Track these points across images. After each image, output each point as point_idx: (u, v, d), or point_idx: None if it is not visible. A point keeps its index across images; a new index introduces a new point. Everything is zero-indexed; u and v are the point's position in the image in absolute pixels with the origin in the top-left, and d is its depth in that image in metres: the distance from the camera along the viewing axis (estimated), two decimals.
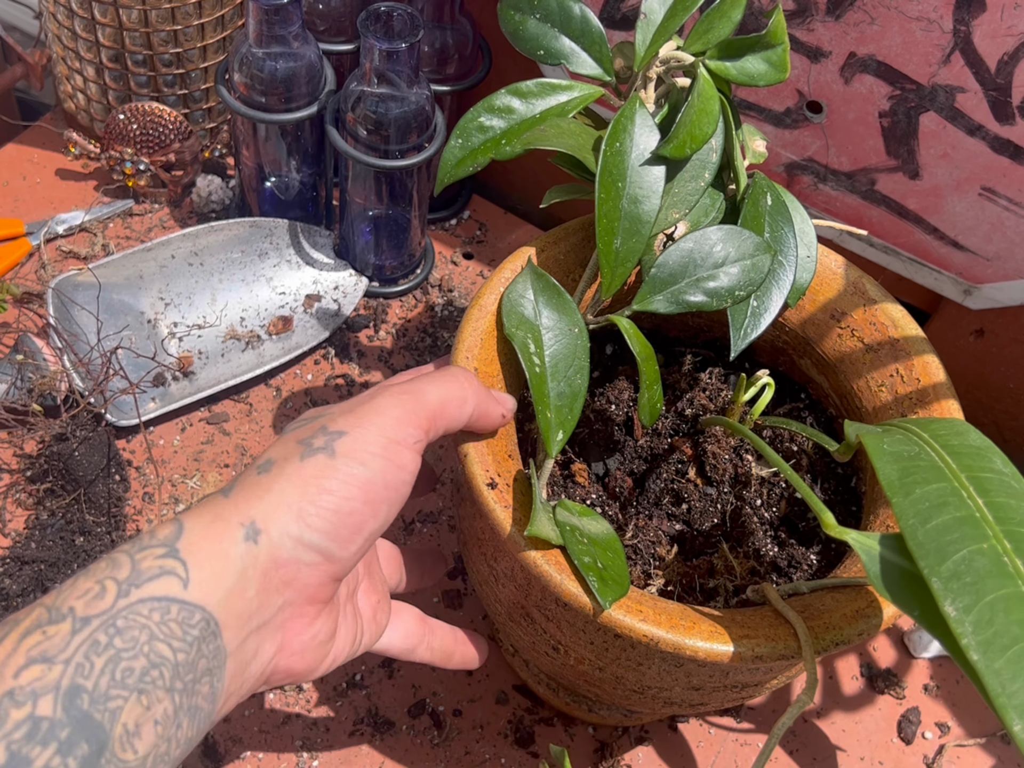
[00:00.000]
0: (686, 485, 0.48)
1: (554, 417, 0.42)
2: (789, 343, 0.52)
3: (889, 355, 0.48)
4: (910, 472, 0.34)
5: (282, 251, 0.72)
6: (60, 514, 0.59)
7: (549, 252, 0.48)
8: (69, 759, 0.28)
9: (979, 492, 0.33)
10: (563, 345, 0.44)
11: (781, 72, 0.44)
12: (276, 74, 0.65)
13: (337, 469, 0.36)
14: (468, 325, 0.45)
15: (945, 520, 0.32)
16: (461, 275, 0.76)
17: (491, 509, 0.40)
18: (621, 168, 0.43)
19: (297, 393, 0.68)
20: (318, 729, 0.55)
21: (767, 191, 0.46)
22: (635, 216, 0.43)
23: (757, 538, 0.46)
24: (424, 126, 0.65)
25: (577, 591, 0.38)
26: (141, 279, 0.69)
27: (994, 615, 0.29)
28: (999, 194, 0.57)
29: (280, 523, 0.35)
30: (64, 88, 0.78)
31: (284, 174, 0.72)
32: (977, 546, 0.31)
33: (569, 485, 0.48)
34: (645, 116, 0.43)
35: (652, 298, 0.44)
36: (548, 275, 0.45)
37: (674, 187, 0.44)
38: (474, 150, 0.45)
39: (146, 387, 0.65)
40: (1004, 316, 0.63)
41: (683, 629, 0.38)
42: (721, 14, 0.44)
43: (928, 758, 0.58)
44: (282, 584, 0.35)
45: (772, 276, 0.46)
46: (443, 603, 0.60)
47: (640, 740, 0.57)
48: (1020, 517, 0.32)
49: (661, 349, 0.54)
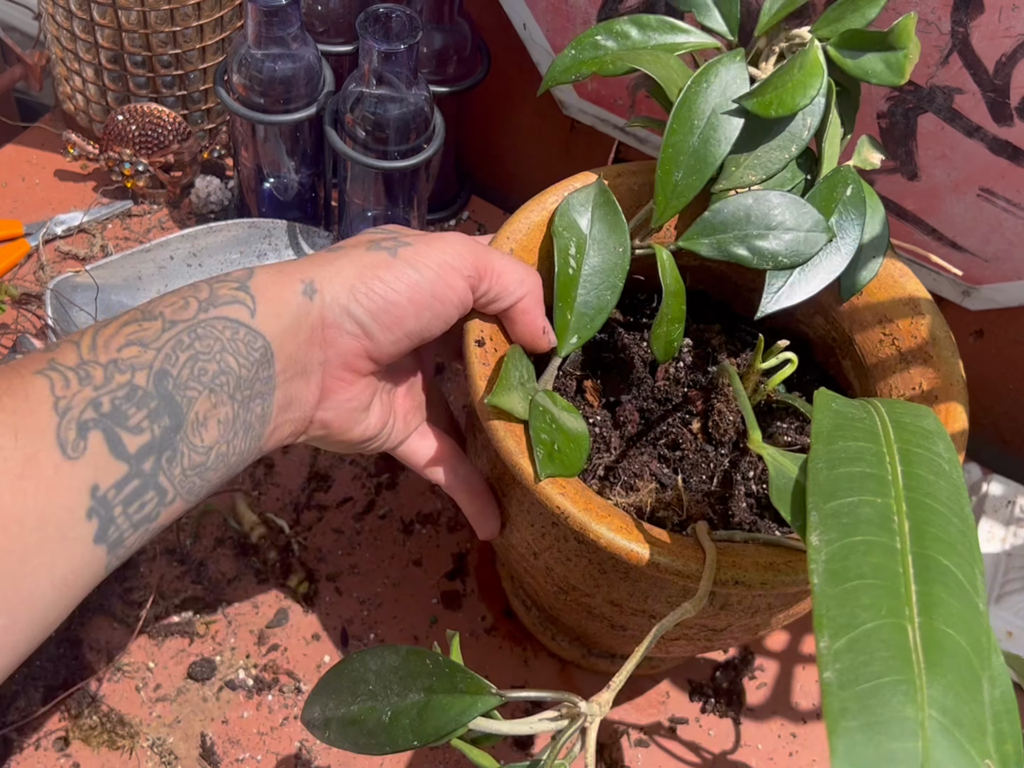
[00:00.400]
0: (685, 434, 0.48)
1: (573, 320, 0.45)
2: (837, 340, 0.52)
3: (918, 369, 0.48)
4: (843, 428, 0.35)
5: (281, 252, 0.72)
6: None
7: (623, 180, 0.50)
8: (155, 425, 0.34)
9: (903, 461, 0.33)
10: (603, 260, 0.45)
11: (897, 76, 0.44)
12: (275, 75, 0.65)
13: (393, 266, 0.41)
14: (521, 214, 0.48)
15: (853, 471, 0.32)
16: None
17: (471, 363, 0.43)
18: (701, 107, 0.44)
19: None
20: None
21: (849, 183, 0.47)
22: (701, 155, 0.44)
23: (737, 507, 0.46)
24: (423, 127, 0.65)
25: (524, 463, 0.40)
26: (140, 280, 0.69)
27: (851, 554, 0.30)
28: (998, 195, 0.57)
29: (334, 290, 0.39)
30: (63, 89, 0.78)
31: (283, 175, 0.72)
32: (871, 499, 0.31)
33: (577, 399, 0.49)
34: (742, 70, 0.45)
35: (699, 240, 0.45)
36: (612, 194, 0.46)
37: (758, 151, 0.45)
38: (582, 62, 0.47)
39: None
40: (1003, 317, 0.63)
41: (595, 515, 0.39)
42: (855, 8, 0.45)
43: None
44: (325, 343, 0.40)
45: (824, 257, 0.46)
46: (442, 604, 0.60)
47: (640, 742, 0.57)
48: (931, 490, 0.32)
49: (721, 320, 0.54)
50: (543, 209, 0.48)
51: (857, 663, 0.27)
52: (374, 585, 0.60)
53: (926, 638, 0.28)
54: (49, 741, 0.53)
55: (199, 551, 0.61)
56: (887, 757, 0.25)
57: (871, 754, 0.25)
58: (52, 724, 0.54)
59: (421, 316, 0.41)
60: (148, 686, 0.56)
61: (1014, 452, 0.70)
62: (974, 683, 0.28)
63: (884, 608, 0.28)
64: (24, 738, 0.53)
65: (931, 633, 0.28)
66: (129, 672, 0.56)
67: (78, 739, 0.53)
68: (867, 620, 0.28)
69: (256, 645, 0.58)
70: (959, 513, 0.32)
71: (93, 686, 0.55)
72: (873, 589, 0.29)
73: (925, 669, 0.27)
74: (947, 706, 0.26)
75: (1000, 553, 0.62)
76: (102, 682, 0.55)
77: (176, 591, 0.59)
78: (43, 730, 0.54)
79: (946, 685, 0.27)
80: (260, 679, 0.56)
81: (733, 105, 0.44)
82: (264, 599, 0.59)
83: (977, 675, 0.28)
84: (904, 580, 0.29)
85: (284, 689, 0.56)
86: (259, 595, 0.59)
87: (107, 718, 0.54)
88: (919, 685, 0.27)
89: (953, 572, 0.30)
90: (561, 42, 0.66)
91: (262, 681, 0.56)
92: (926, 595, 0.29)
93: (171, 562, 0.60)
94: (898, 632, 0.28)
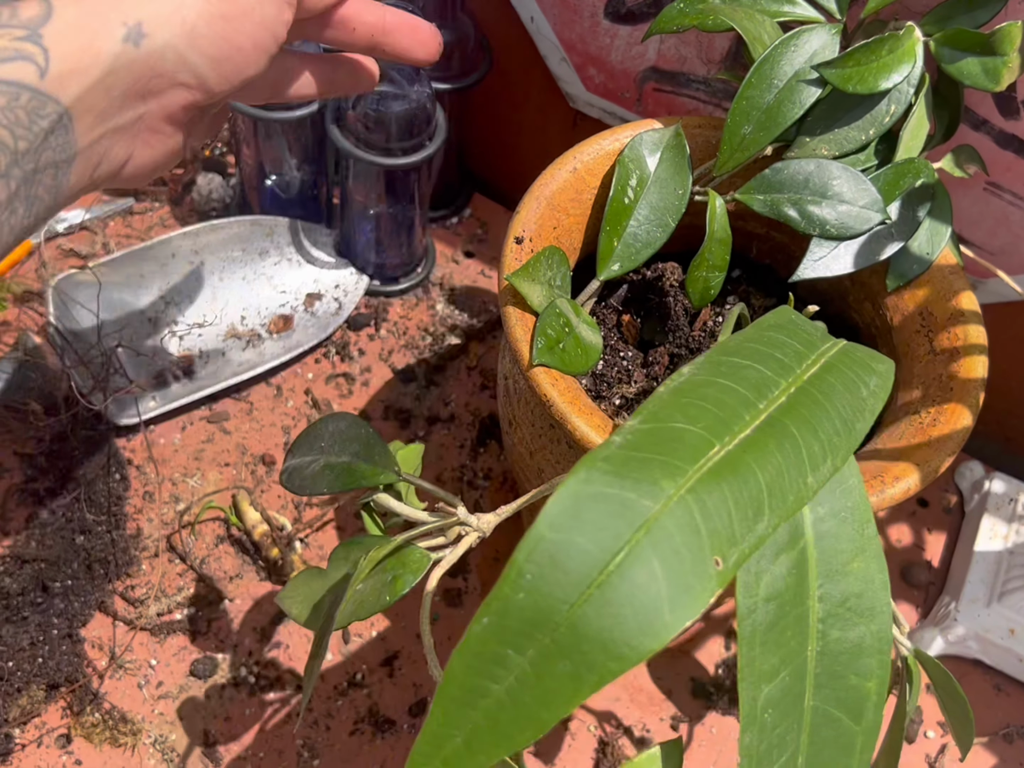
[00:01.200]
0: None
1: (619, 248, 0.46)
2: (880, 329, 0.52)
3: (943, 366, 0.48)
4: (784, 328, 0.36)
5: (283, 249, 0.72)
6: (60, 513, 0.59)
7: (701, 131, 0.51)
8: None
9: (823, 368, 0.34)
10: (661, 198, 0.47)
11: (992, 82, 0.45)
12: None
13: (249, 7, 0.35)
14: (595, 139, 0.49)
15: (770, 351, 0.34)
16: (462, 273, 0.75)
17: (505, 256, 0.45)
18: (784, 67, 0.45)
19: (298, 392, 0.68)
20: (318, 729, 0.55)
21: (921, 175, 0.47)
22: (773, 113, 0.45)
23: None
24: (425, 124, 0.65)
25: (524, 349, 0.42)
26: (142, 278, 0.69)
27: (712, 387, 0.31)
28: (1004, 188, 0.57)
29: (168, 33, 0.33)
30: None
31: (285, 172, 0.72)
32: (763, 369, 0.33)
33: (614, 332, 0.51)
34: (833, 42, 0.46)
35: (754, 195, 0.46)
36: (685, 140, 0.48)
37: (837, 127, 0.46)
38: (686, 14, 0.48)
39: (146, 386, 0.64)
40: (1006, 314, 0.62)
41: (578, 410, 0.40)
42: (968, 8, 0.46)
43: (930, 757, 0.58)
44: (149, 94, 0.34)
45: (875, 238, 0.47)
46: (444, 602, 0.60)
47: (641, 742, 0.57)
48: (830, 393, 0.33)
49: (779, 296, 0.55)
50: (616, 140, 0.49)
51: (647, 440, 0.28)
52: None
53: (727, 459, 0.28)
54: (51, 738, 0.53)
55: (201, 549, 0.60)
56: (618, 500, 0.26)
57: (601, 491, 0.26)
58: (54, 721, 0.54)
59: (261, 61, 0.36)
60: (150, 683, 0.56)
61: (1016, 450, 0.70)
62: (752, 513, 0.28)
63: (703, 423, 0.29)
64: (26, 735, 0.53)
65: (735, 459, 0.29)
66: (131, 669, 0.56)
67: (80, 736, 0.53)
68: (679, 422, 0.29)
69: (258, 643, 0.57)
70: (846, 422, 0.32)
71: (95, 683, 0.55)
72: (708, 412, 0.30)
73: (706, 473, 0.28)
74: (708, 507, 0.27)
75: (1002, 551, 0.62)
76: (104, 679, 0.55)
77: (178, 588, 0.59)
78: (45, 727, 0.53)
79: (721, 497, 0.27)
80: (262, 677, 0.56)
81: (815, 74, 0.45)
82: (266, 597, 0.59)
83: (761, 510, 0.28)
84: (740, 422, 0.30)
85: (286, 687, 0.56)
86: (261, 593, 0.59)
87: (109, 715, 0.54)
88: (689, 476, 0.27)
89: (797, 441, 0.30)
90: (568, 35, 0.66)
91: (264, 679, 0.56)
92: (754, 440, 0.30)
93: (173, 559, 0.60)
94: (701, 440, 0.28)
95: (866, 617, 0.32)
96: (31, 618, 0.55)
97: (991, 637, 0.59)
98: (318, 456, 0.42)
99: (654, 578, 0.25)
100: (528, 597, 0.24)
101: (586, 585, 0.24)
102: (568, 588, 0.25)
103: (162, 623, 0.57)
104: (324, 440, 0.43)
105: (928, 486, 0.50)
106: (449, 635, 0.59)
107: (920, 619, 0.63)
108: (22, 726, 0.53)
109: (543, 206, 0.48)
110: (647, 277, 0.52)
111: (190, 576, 0.59)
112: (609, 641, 0.24)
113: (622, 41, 0.64)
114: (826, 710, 0.31)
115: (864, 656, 0.32)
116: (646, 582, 0.25)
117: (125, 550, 0.59)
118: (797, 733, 0.30)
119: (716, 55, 0.60)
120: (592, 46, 0.65)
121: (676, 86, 0.64)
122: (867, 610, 0.32)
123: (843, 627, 0.32)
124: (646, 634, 0.24)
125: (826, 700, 0.31)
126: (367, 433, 0.43)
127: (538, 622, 0.24)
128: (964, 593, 0.60)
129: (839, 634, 0.32)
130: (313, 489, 0.41)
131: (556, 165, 0.49)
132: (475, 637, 0.25)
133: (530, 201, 0.48)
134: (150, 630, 0.57)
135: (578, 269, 0.50)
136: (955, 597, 0.61)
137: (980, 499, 0.66)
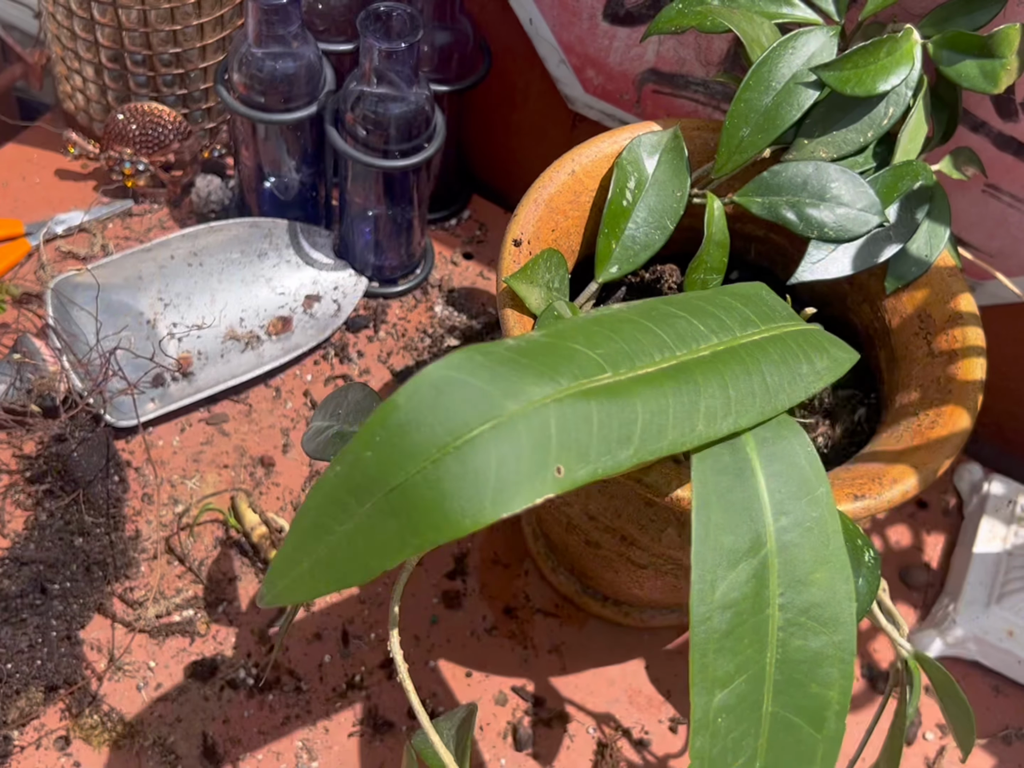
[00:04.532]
0: None
1: (618, 251, 0.46)
2: (878, 331, 0.52)
3: (941, 368, 0.48)
4: (753, 302, 0.38)
5: (281, 251, 0.72)
6: (59, 515, 0.59)
7: (700, 133, 0.51)
8: None
9: (770, 340, 0.36)
10: (659, 201, 0.47)
11: (990, 85, 0.45)
12: (275, 74, 0.64)
13: None
14: (594, 142, 0.49)
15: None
16: (461, 275, 0.76)
17: (503, 258, 0.45)
18: (782, 70, 0.45)
19: (296, 394, 0.68)
20: (318, 730, 0.55)
21: (919, 178, 0.47)
22: (771, 116, 0.45)
23: None
24: (424, 126, 0.65)
25: None
26: (140, 279, 0.69)
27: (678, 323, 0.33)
28: (1003, 190, 0.57)
29: None
30: (63, 88, 0.78)
31: (283, 174, 0.72)
32: None
33: None
34: (831, 44, 0.46)
35: (753, 198, 0.46)
36: (683, 142, 0.48)
37: (835, 130, 0.46)
38: (685, 15, 0.48)
39: (145, 388, 0.64)
40: (1004, 316, 0.62)
41: None
42: (967, 11, 0.46)
43: (929, 759, 0.58)
44: None
45: (873, 240, 0.47)
46: (443, 604, 0.60)
47: (640, 743, 0.56)
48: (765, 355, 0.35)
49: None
50: (615, 143, 0.49)
51: (538, 350, 0.30)
52: (374, 584, 0.60)
53: (612, 386, 0.30)
54: (50, 740, 0.53)
55: (200, 551, 0.60)
56: (479, 392, 0.27)
57: (466, 380, 0.27)
58: (53, 723, 0.54)
59: None
60: (149, 685, 0.56)
61: (1015, 451, 0.70)
62: (616, 439, 0.29)
63: (603, 351, 0.31)
64: (25, 737, 0.53)
65: (619, 387, 0.30)
66: (130, 671, 0.56)
67: (79, 738, 0.53)
68: (578, 344, 0.30)
69: (257, 644, 0.57)
70: (768, 389, 0.34)
71: (94, 685, 0.55)
72: (613, 343, 0.31)
73: (581, 392, 0.29)
74: (568, 421, 0.28)
75: (1001, 552, 0.62)
76: (103, 681, 0.55)
77: (177, 590, 0.59)
78: (44, 729, 0.53)
79: (585, 415, 0.29)
80: (261, 678, 0.56)
81: (813, 76, 0.45)
82: None
83: (629, 440, 0.29)
84: (647, 361, 0.32)
85: (285, 688, 0.56)
86: None
87: (108, 717, 0.54)
88: (562, 390, 0.29)
89: (698, 389, 0.32)
90: (567, 37, 0.66)
91: (262, 680, 0.56)
92: (650, 377, 0.31)
93: (171, 561, 0.60)
94: (591, 363, 0.30)
95: (829, 627, 0.32)
96: (30, 620, 0.55)
97: (990, 639, 0.59)
98: (333, 423, 0.43)
99: (486, 469, 0.27)
100: (374, 456, 0.27)
101: (424, 460, 0.26)
102: (407, 458, 0.27)
103: (161, 625, 0.57)
104: (343, 408, 0.43)
105: (927, 488, 0.50)
106: (448, 637, 0.59)
107: (919, 621, 0.63)
108: (21, 728, 0.53)
109: (541, 208, 0.48)
110: (646, 279, 0.52)
111: (189, 578, 0.59)
112: (434, 512, 0.26)
113: (621, 43, 0.64)
114: (786, 717, 0.31)
115: (826, 665, 0.32)
116: (477, 471, 0.26)
117: (124, 552, 0.59)
118: (755, 738, 0.31)
119: (715, 57, 0.60)
120: (591, 48, 0.65)
121: (675, 88, 0.64)
122: (830, 620, 0.32)
123: (805, 636, 0.32)
124: (467, 516, 0.26)
125: (786, 707, 0.31)
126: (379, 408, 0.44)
127: (378, 480, 0.27)
128: (963, 595, 0.60)
129: (800, 643, 0.32)
130: (323, 456, 0.42)
131: (555, 167, 0.49)
132: (328, 481, 0.27)
133: (528, 203, 0.48)
134: (149, 632, 0.57)
135: (576, 271, 0.50)
136: (954, 599, 0.61)
137: (979, 501, 0.66)
